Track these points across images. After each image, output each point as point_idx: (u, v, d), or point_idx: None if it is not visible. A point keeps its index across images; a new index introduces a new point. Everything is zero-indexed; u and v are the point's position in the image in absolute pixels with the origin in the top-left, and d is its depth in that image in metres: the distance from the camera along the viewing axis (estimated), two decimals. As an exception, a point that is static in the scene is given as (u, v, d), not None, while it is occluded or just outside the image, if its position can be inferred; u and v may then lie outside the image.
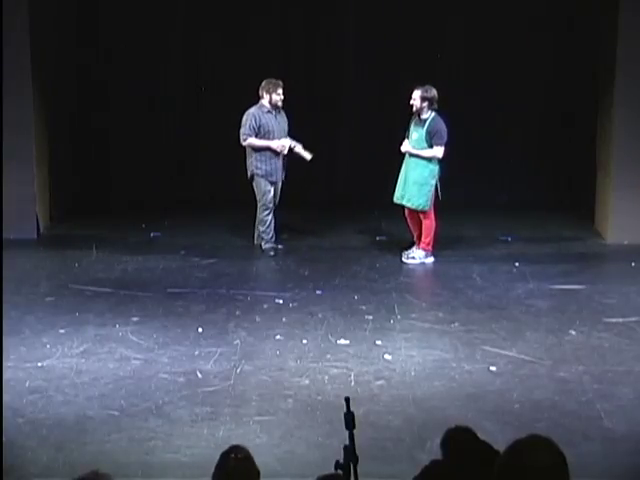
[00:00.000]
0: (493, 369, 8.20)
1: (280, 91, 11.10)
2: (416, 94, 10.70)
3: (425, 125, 10.75)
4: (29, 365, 8.19)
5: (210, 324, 9.17)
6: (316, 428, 7.18)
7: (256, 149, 11.10)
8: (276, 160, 11.16)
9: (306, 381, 7.97)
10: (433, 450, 5.33)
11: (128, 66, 13.26)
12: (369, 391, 7.80)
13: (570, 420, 7.31)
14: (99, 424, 7.23)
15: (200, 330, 8.99)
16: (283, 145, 11.13)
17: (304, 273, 10.71)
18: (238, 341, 8.77)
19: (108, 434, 7.08)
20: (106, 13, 13.18)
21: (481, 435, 4.49)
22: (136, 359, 8.36)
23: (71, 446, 6.91)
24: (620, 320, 9.28)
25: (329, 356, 8.45)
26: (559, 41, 13.08)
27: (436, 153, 10.76)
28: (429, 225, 10.94)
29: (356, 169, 13.42)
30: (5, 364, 7.65)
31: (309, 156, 11.21)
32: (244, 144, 11.15)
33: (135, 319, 9.27)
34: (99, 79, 13.33)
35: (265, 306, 9.68)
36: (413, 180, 10.81)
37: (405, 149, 10.88)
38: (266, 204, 11.18)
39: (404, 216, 11.08)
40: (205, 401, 7.60)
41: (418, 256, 11.03)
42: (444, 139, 10.74)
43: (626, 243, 11.63)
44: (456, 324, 9.19)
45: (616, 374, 8.12)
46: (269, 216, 11.22)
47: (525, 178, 13.38)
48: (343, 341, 8.78)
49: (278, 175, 11.23)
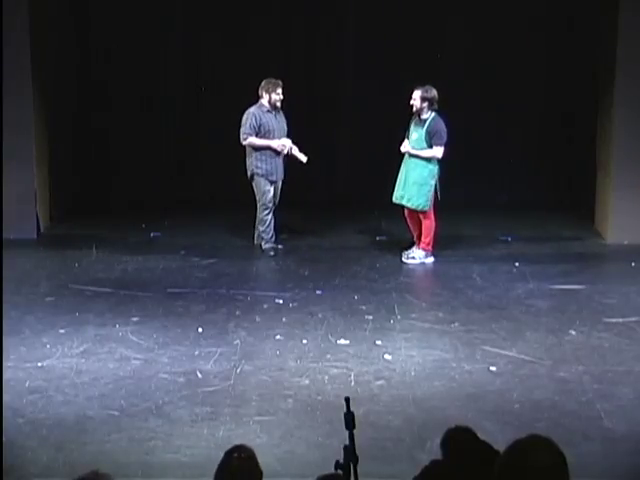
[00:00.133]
0: (493, 369, 8.20)
1: (279, 91, 11.09)
2: (416, 94, 10.71)
3: (425, 125, 10.75)
4: (29, 365, 8.19)
5: (210, 324, 9.16)
6: (316, 428, 7.17)
7: (256, 148, 11.09)
8: (276, 159, 11.16)
9: (306, 381, 7.97)
10: (433, 450, 5.33)
11: (128, 66, 13.26)
12: (369, 391, 7.80)
13: (570, 420, 7.31)
14: (99, 424, 7.23)
15: (200, 330, 8.99)
16: (284, 144, 11.13)
17: (304, 273, 10.71)
18: (238, 341, 8.77)
19: (108, 434, 7.08)
20: (106, 13, 13.17)
21: (481, 435, 4.49)
22: (136, 359, 8.36)
23: (71, 446, 6.91)
24: (620, 320, 9.27)
25: (329, 356, 8.45)
26: (559, 41, 13.07)
27: (436, 153, 10.76)
28: (429, 225, 10.94)
29: (356, 169, 13.42)
30: (5, 364, 7.65)
31: (304, 158, 11.21)
32: (244, 143, 11.14)
33: (135, 319, 9.26)
34: (99, 79, 13.33)
35: (265, 306, 9.68)
36: (413, 180, 10.81)
37: (405, 149, 10.89)
38: (266, 204, 11.18)
39: (404, 216, 11.08)
40: (205, 401, 7.59)
41: (418, 256, 11.03)
42: (444, 139, 10.75)
43: (626, 243, 11.63)
44: (456, 324, 9.19)
45: (616, 374, 8.12)
46: (269, 216, 11.22)
47: (525, 178, 13.38)
48: (343, 341, 8.78)
49: (278, 174, 11.23)
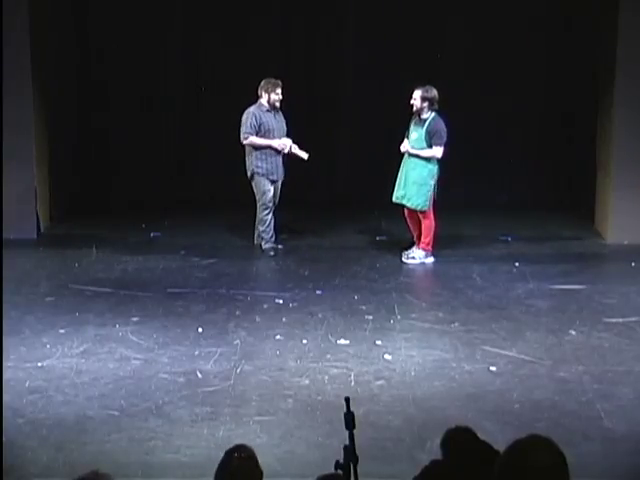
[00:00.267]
0: (493, 369, 8.20)
1: (279, 91, 11.09)
2: (417, 94, 10.71)
3: (425, 125, 10.75)
4: (29, 365, 8.19)
5: (210, 324, 9.16)
6: (316, 428, 7.17)
7: (256, 148, 11.09)
8: (277, 159, 11.16)
9: (306, 381, 7.97)
10: (433, 450, 5.32)
11: (128, 66, 13.25)
12: (369, 391, 7.80)
13: (570, 420, 7.31)
14: (99, 424, 7.23)
15: (200, 330, 8.99)
16: (284, 144, 11.13)
17: (304, 273, 10.71)
18: (238, 341, 8.77)
19: (108, 434, 7.08)
20: (106, 13, 13.17)
21: (481, 435, 4.49)
22: (136, 359, 8.36)
23: (71, 446, 6.91)
24: (620, 320, 9.27)
25: (329, 356, 8.45)
26: (559, 41, 13.07)
27: (435, 153, 10.76)
28: (429, 225, 10.94)
29: (356, 169, 13.41)
30: (5, 364, 7.64)
31: (305, 155, 11.21)
32: (245, 143, 11.14)
33: (135, 319, 9.26)
34: (99, 79, 13.33)
35: (265, 306, 9.68)
36: (412, 180, 10.81)
37: (404, 149, 10.89)
38: (266, 203, 11.17)
39: (404, 216, 11.08)
40: (205, 401, 7.59)
41: (418, 256, 11.03)
42: (443, 139, 10.74)
43: (626, 243, 11.63)
44: (456, 324, 9.19)
45: (616, 374, 8.12)
46: (269, 216, 11.21)
47: (525, 178, 13.38)
48: (343, 341, 8.78)
49: (279, 174, 11.23)
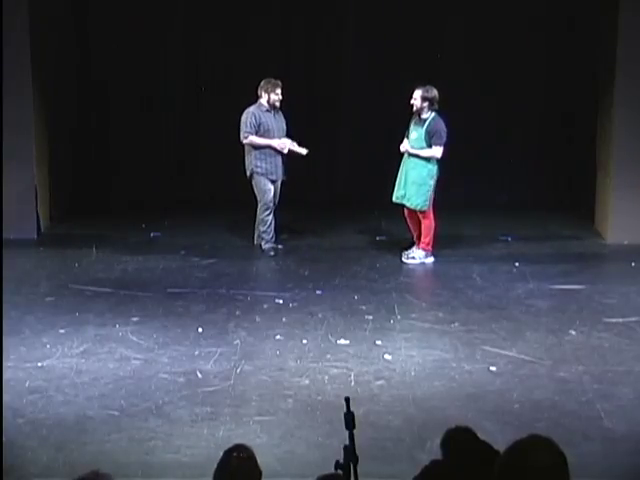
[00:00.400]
0: (493, 369, 8.20)
1: (279, 91, 11.09)
2: (417, 94, 10.70)
3: (425, 125, 10.75)
4: (29, 365, 8.19)
5: (210, 324, 9.16)
6: (316, 428, 7.17)
7: (256, 147, 11.09)
8: (276, 158, 11.15)
9: (306, 381, 7.97)
10: (433, 450, 5.32)
11: (128, 66, 13.25)
12: (369, 391, 7.80)
13: (570, 420, 7.31)
14: (99, 424, 7.23)
15: (200, 330, 8.99)
16: (284, 143, 11.13)
17: (304, 273, 10.70)
18: (238, 341, 8.77)
19: (108, 434, 7.07)
20: (106, 13, 13.16)
21: (481, 435, 4.49)
22: (136, 359, 8.36)
23: (71, 446, 6.90)
24: (620, 320, 9.27)
25: (329, 356, 8.45)
26: (559, 41, 13.07)
27: (435, 153, 10.76)
28: (428, 225, 10.94)
29: (356, 169, 13.41)
30: (5, 364, 7.65)
31: (304, 151, 11.21)
32: (245, 142, 11.13)
33: (135, 319, 9.26)
34: (99, 79, 13.33)
35: (265, 306, 9.68)
36: (412, 180, 10.81)
37: (404, 148, 10.88)
38: (267, 203, 11.16)
39: (404, 216, 11.08)
40: (205, 401, 7.59)
41: (418, 256, 11.03)
42: (443, 139, 10.74)
43: (626, 243, 11.63)
44: (456, 324, 9.19)
45: (616, 374, 8.12)
46: (270, 216, 11.21)
47: (525, 178, 13.38)
48: (343, 341, 8.78)
49: (278, 173, 11.22)
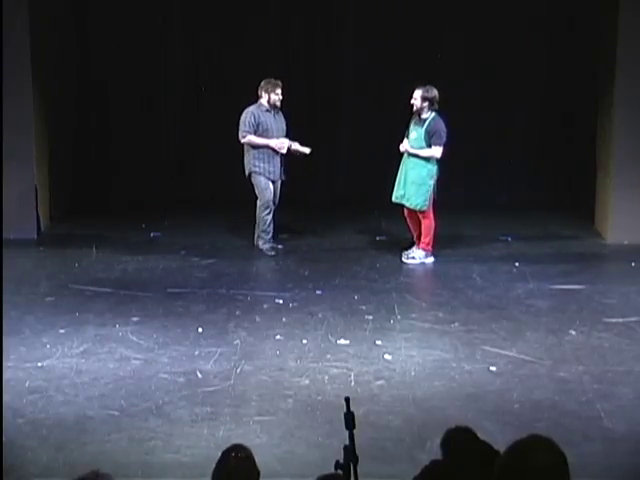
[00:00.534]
0: (493, 369, 8.20)
1: (279, 91, 11.09)
2: (417, 94, 10.70)
3: (424, 125, 10.75)
4: (29, 365, 8.19)
5: (210, 324, 9.16)
6: (316, 428, 7.17)
7: (254, 147, 11.09)
8: (275, 158, 11.15)
9: (306, 381, 7.97)
10: (433, 450, 5.32)
11: (128, 66, 13.25)
12: (369, 391, 7.80)
13: (570, 420, 7.31)
14: (99, 424, 7.23)
15: (200, 330, 8.99)
16: (282, 143, 11.13)
17: (304, 273, 10.70)
18: (238, 341, 8.77)
19: (108, 434, 7.07)
20: (106, 13, 13.17)
21: (481, 435, 4.49)
22: (136, 359, 8.36)
23: (71, 446, 6.90)
24: (620, 320, 9.27)
25: (329, 356, 8.45)
26: (559, 41, 13.07)
27: (434, 153, 10.76)
28: (428, 225, 10.94)
29: (356, 169, 13.41)
30: (5, 364, 7.65)
31: (308, 150, 11.21)
32: (243, 141, 11.13)
33: (135, 319, 9.26)
34: (99, 79, 13.33)
35: (265, 306, 9.68)
36: (411, 180, 10.80)
37: (404, 148, 10.88)
38: (266, 202, 11.15)
39: (404, 216, 11.08)
40: (205, 401, 7.59)
41: (418, 256, 11.03)
42: (443, 139, 10.74)
43: (626, 243, 11.63)
44: (456, 324, 9.19)
45: (616, 374, 8.12)
46: (269, 216, 11.20)
47: (525, 178, 13.38)
48: (343, 341, 8.78)
49: (277, 173, 11.21)
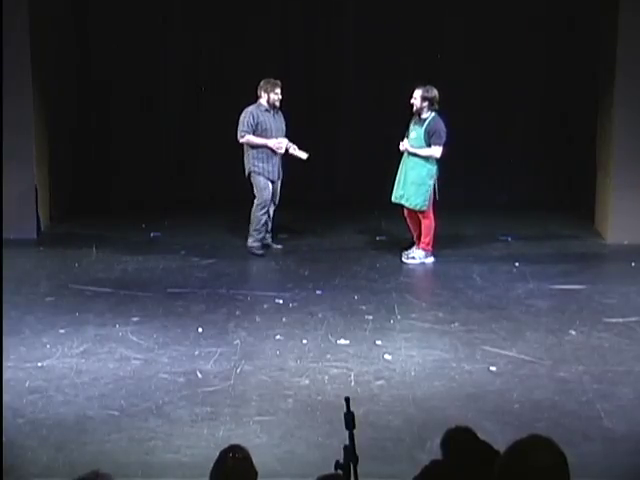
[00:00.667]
0: (493, 369, 8.20)
1: (278, 91, 11.09)
2: (417, 93, 10.71)
3: (424, 124, 10.75)
4: (29, 365, 8.19)
5: (210, 324, 9.16)
6: (316, 428, 7.17)
7: (253, 147, 11.09)
8: (274, 158, 11.14)
9: (306, 381, 7.97)
10: (433, 450, 5.32)
11: (128, 66, 13.25)
12: (369, 391, 7.80)
13: (570, 420, 7.31)
14: (99, 424, 7.23)
15: (200, 330, 8.99)
16: (280, 143, 11.12)
17: (304, 273, 10.70)
18: (238, 341, 8.77)
19: (108, 434, 7.07)
20: (106, 13, 13.17)
21: (481, 435, 4.49)
22: (136, 359, 8.36)
23: (71, 446, 6.90)
24: (620, 320, 9.27)
25: (329, 356, 8.45)
26: (559, 41, 13.07)
27: (434, 153, 10.76)
28: (428, 225, 10.94)
29: (356, 169, 13.41)
30: (5, 364, 7.64)
31: (305, 155, 11.20)
32: (242, 141, 11.13)
33: (135, 319, 9.26)
34: (99, 79, 13.33)
35: (265, 306, 9.68)
36: (411, 180, 10.80)
37: (403, 147, 10.88)
38: (263, 201, 11.14)
39: (404, 216, 11.08)
40: (205, 401, 7.59)
41: (418, 256, 11.03)
42: (443, 139, 10.74)
43: (626, 243, 11.63)
44: (456, 324, 9.19)
45: (616, 374, 8.12)
46: (264, 215, 11.18)
47: (525, 178, 13.38)
48: (343, 341, 8.78)
49: (275, 174, 11.21)
